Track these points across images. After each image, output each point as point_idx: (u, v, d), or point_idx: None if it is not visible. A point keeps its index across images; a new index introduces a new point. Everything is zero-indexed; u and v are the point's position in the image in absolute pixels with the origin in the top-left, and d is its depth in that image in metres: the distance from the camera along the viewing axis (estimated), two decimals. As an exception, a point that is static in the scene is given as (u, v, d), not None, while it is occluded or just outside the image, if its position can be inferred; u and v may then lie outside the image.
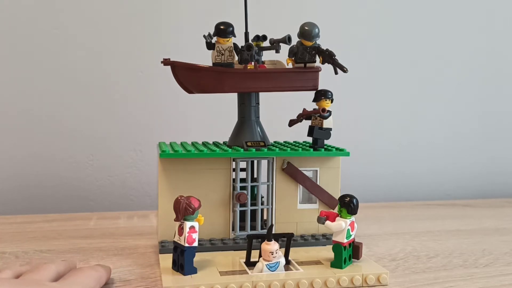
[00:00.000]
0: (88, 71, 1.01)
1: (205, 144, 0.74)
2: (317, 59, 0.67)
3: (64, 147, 1.01)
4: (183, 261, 0.57)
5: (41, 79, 0.99)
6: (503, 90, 1.24)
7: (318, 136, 0.70)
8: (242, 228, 0.69)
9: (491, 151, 1.25)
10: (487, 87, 1.23)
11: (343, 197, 0.60)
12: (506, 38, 1.23)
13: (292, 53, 0.67)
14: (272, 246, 0.58)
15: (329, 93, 0.69)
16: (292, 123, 0.72)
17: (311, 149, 0.70)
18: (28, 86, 0.99)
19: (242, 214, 0.69)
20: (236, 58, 0.66)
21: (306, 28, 0.66)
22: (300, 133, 0.74)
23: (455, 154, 1.22)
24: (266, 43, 0.69)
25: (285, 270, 0.58)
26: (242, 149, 0.68)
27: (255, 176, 0.70)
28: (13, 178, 0.99)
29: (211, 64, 0.66)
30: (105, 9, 1.00)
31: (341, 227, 0.60)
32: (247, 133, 0.69)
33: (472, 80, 1.22)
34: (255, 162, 0.69)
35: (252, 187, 0.70)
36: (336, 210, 0.62)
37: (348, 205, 0.60)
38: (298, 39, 0.67)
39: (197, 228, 0.57)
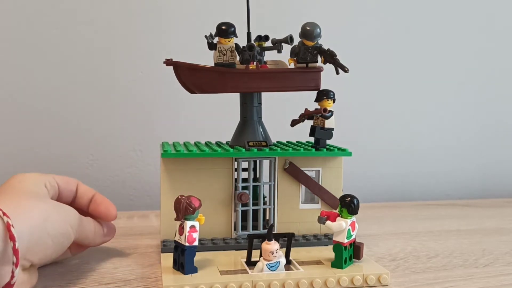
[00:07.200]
0: (88, 71, 1.01)
1: (207, 144, 0.74)
2: (319, 59, 0.67)
3: (64, 147, 1.01)
4: (183, 260, 0.57)
5: (41, 80, 0.99)
6: (504, 90, 1.25)
7: (320, 136, 0.70)
8: (244, 227, 0.69)
9: (491, 151, 1.25)
10: (487, 87, 1.23)
11: (343, 197, 0.61)
12: (507, 39, 1.23)
13: (294, 53, 0.67)
14: (272, 245, 0.58)
15: (331, 93, 0.69)
16: (294, 123, 0.72)
17: (313, 149, 0.70)
18: (27, 86, 0.99)
19: (244, 214, 0.69)
20: (238, 58, 0.66)
21: (308, 28, 0.66)
22: (302, 133, 0.74)
23: (455, 154, 1.22)
24: (268, 43, 0.69)
25: (286, 270, 0.58)
26: (244, 149, 0.68)
27: (257, 176, 0.70)
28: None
29: (212, 65, 0.66)
30: (105, 9, 1.00)
31: (342, 227, 0.60)
32: (249, 133, 0.69)
33: (472, 81, 1.22)
34: (257, 162, 0.70)
35: (254, 187, 0.70)
36: (337, 210, 0.62)
37: (348, 205, 0.60)
38: (300, 39, 0.67)
39: (197, 228, 0.57)
